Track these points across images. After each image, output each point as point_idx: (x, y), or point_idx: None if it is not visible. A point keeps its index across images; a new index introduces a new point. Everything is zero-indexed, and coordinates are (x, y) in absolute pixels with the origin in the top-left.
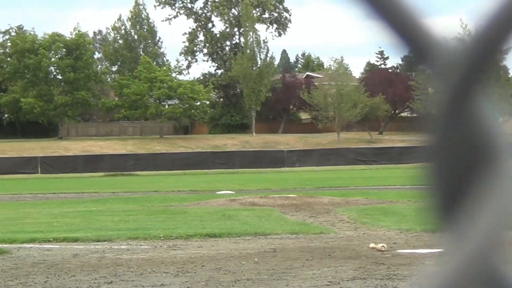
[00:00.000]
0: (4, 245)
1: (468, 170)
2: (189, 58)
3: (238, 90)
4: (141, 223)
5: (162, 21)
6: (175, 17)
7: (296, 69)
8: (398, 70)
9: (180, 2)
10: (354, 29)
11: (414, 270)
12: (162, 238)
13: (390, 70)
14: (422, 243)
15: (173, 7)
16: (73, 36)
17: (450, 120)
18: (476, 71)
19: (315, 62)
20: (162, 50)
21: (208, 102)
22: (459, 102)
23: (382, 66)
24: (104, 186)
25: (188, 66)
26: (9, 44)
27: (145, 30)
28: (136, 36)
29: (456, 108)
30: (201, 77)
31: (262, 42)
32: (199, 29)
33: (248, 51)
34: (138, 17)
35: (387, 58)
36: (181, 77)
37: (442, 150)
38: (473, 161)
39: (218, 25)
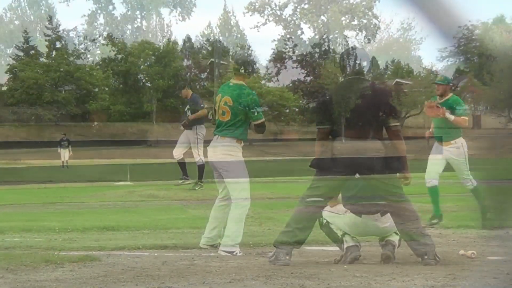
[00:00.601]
0: (94, 252)
1: None
2: (278, 65)
3: (327, 97)
4: None
5: (251, 28)
6: (264, 24)
7: (386, 75)
8: None
9: (269, 9)
10: (441, 36)
11: (501, 276)
12: (252, 245)
13: None
14: (509, 249)
15: (262, 14)
16: (162, 44)
17: None
18: None
19: (405, 69)
20: (251, 57)
21: (297, 110)
22: None
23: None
24: (193, 194)
25: (278, 73)
26: (98, 52)
27: (234, 37)
28: (225, 43)
29: None
30: (290, 84)
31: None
32: (288, 36)
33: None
34: (227, 24)
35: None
36: (270, 84)
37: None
38: None
39: (307, 32)
